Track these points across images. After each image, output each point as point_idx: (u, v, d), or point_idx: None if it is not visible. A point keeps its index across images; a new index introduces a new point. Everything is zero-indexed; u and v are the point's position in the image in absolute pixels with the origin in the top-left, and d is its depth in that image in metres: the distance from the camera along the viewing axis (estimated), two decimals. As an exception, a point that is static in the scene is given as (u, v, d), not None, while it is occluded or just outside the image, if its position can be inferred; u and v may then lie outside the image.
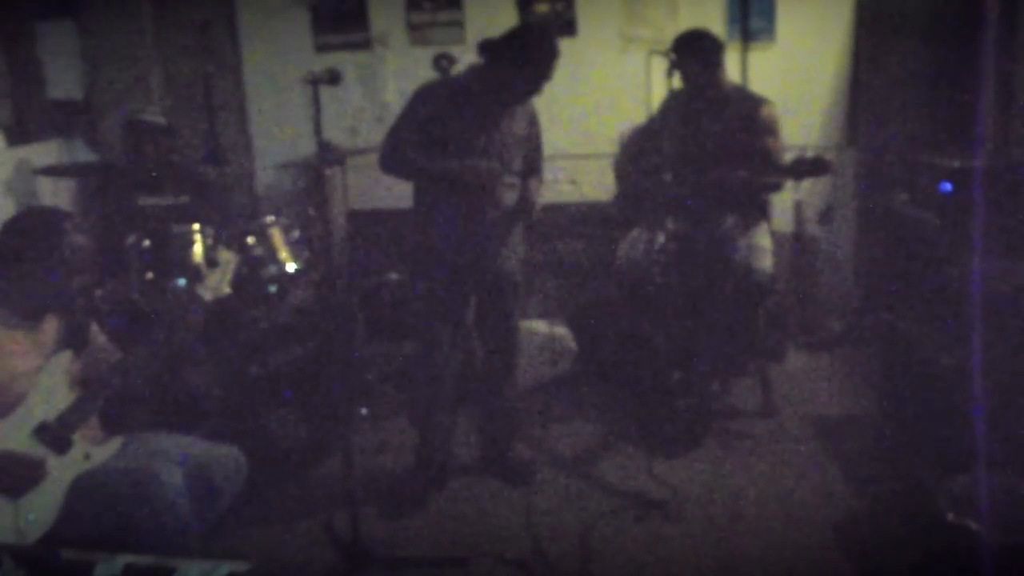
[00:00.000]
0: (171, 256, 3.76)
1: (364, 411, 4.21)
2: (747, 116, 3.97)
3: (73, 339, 2.62)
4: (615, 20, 5.14)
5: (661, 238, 3.96)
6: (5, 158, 4.18)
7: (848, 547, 3.05)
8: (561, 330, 4.58)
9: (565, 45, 5.11)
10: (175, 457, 2.57)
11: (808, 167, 3.62)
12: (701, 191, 4.02)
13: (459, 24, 5.20)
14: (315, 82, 2.78)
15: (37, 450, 2.37)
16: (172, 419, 3.51)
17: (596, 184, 5.08)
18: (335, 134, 4.68)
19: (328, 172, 4.40)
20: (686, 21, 4.90)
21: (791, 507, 3.31)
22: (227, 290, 2.72)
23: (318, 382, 3.91)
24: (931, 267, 3.64)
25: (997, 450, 2.78)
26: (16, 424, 2.37)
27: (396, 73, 5.35)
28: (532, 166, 3.58)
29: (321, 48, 5.34)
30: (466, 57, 5.06)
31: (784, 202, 4.82)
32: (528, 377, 4.45)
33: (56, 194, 4.44)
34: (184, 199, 4.18)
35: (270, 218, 4.08)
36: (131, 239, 3.77)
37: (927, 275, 3.66)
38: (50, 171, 4.26)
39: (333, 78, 2.83)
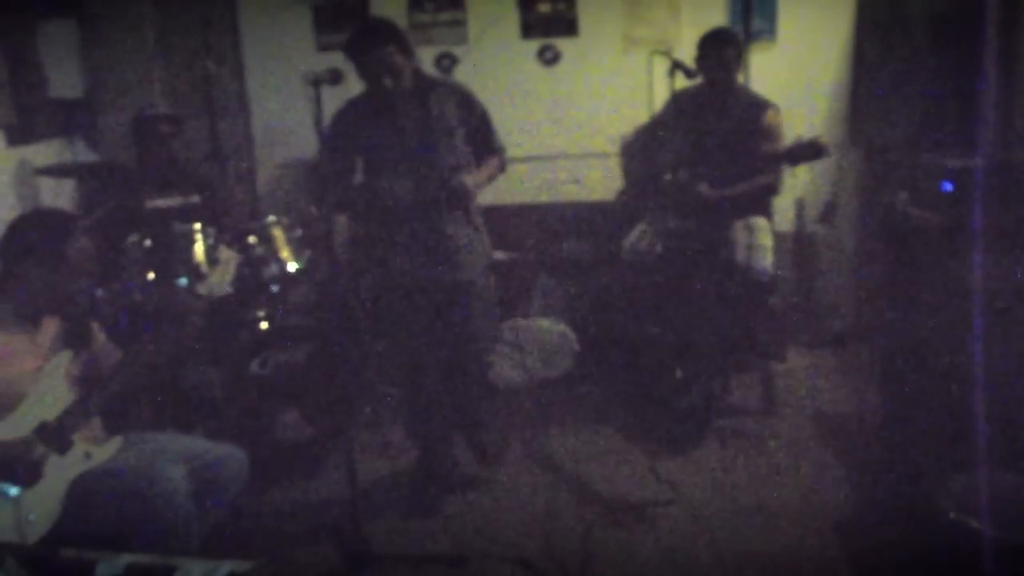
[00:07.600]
0: (172, 255, 3.77)
1: (366, 411, 4.21)
2: (752, 119, 3.98)
3: (73, 339, 2.62)
4: (616, 20, 5.13)
5: (662, 237, 3.96)
6: (6, 157, 4.17)
7: (848, 546, 3.05)
8: (563, 329, 4.58)
9: (566, 45, 5.23)
10: (176, 456, 2.58)
11: (804, 151, 3.59)
12: (703, 190, 4.02)
13: (461, 24, 5.19)
14: (317, 82, 2.78)
15: (38, 450, 2.37)
16: (173, 418, 3.52)
17: (598, 183, 5.08)
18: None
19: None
20: (688, 21, 4.92)
21: (791, 506, 3.31)
22: (228, 289, 2.72)
23: (320, 381, 3.91)
24: (931, 266, 3.63)
25: (998, 448, 2.78)
26: (16, 424, 2.37)
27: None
28: (484, 146, 3.42)
29: (323, 47, 5.34)
30: (468, 57, 5.08)
31: (785, 201, 4.82)
32: (529, 377, 4.45)
33: (57, 194, 4.43)
34: (194, 199, 4.19)
35: (272, 217, 4.09)
36: (132, 238, 3.77)
37: (927, 274, 3.66)
38: (51, 171, 4.26)
39: (335, 78, 2.83)
